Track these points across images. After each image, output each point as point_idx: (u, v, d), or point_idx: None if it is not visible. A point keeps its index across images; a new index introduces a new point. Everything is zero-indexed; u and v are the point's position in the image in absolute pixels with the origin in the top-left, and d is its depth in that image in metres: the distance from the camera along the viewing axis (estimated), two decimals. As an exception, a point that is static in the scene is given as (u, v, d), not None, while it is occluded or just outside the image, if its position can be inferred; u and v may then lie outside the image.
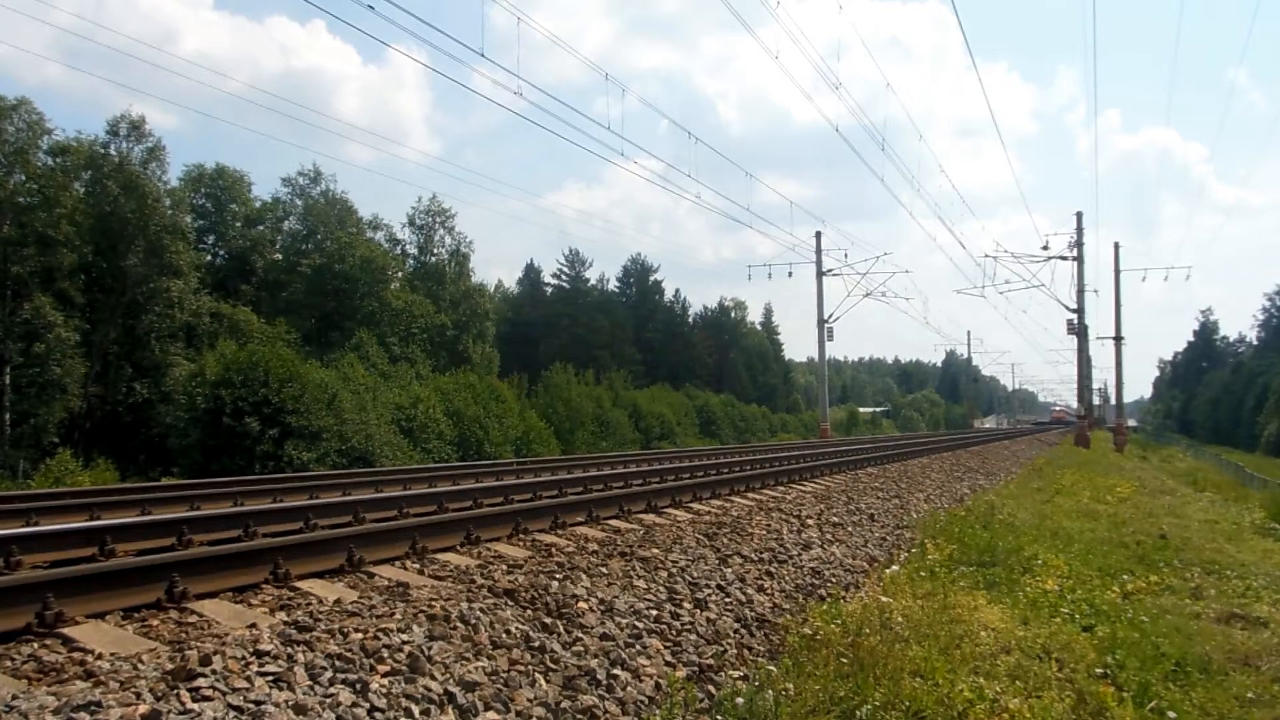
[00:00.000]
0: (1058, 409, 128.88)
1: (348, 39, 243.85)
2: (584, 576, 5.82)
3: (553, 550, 7.01)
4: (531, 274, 64.94)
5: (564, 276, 64.46)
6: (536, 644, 4.64)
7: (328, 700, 3.50)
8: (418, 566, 6.29)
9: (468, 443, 29.86)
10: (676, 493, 10.73)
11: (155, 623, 4.58)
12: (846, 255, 68.87)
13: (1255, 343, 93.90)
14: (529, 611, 5.01)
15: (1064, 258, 42.98)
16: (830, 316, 43.48)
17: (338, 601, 4.89)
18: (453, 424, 29.82)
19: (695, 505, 10.56)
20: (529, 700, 4.09)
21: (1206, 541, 12.79)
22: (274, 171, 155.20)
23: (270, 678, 3.55)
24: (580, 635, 4.92)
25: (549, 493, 10.79)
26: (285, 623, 4.27)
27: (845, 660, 5.07)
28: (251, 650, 3.77)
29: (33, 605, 4.29)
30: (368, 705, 3.58)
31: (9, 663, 3.84)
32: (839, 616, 5.92)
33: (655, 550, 6.96)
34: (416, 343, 40.62)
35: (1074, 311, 43.72)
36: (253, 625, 4.33)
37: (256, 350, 24.59)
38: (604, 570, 6.13)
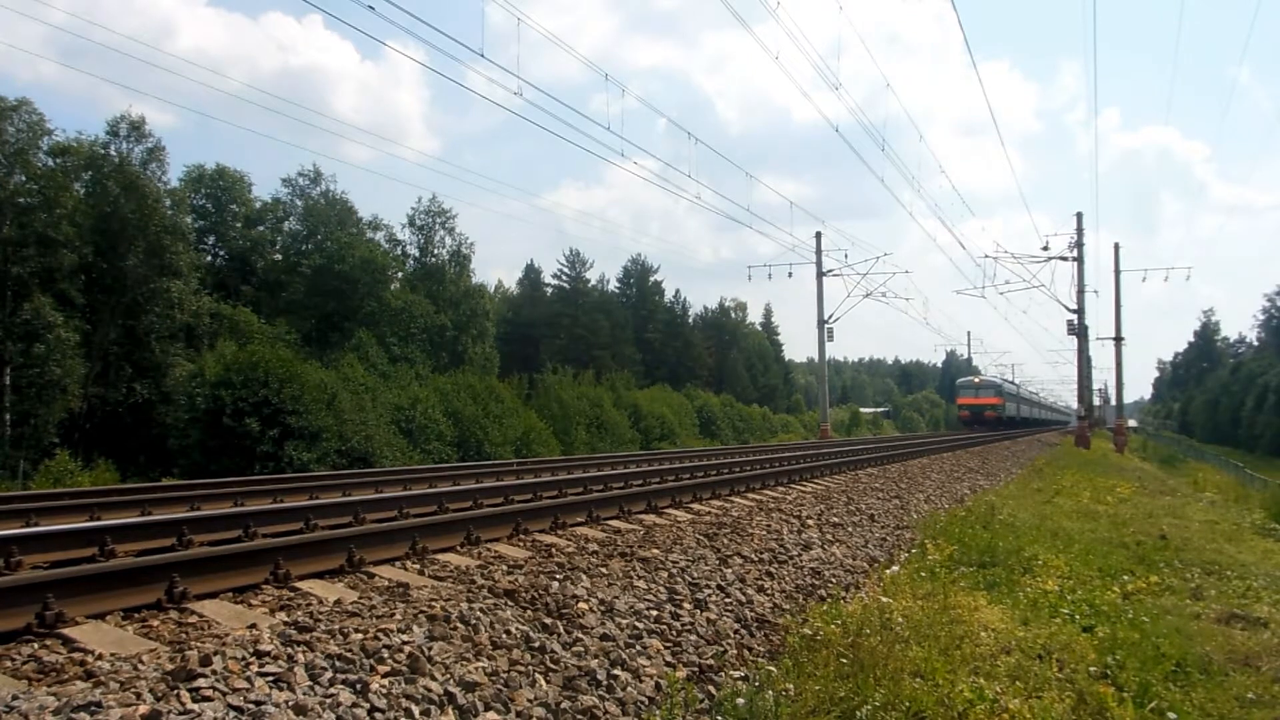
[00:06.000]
0: (975, 387, 62.97)
1: (345, 35, 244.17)
2: (584, 577, 5.82)
3: (553, 550, 7.01)
4: (531, 274, 64.97)
5: (564, 277, 64.46)
6: (537, 644, 4.64)
7: (328, 701, 3.50)
8: (418, 567, 6.29)
9: (468, 443, 29.84)
10: (676, 493, 10.73)
11: (155, 623, 4.59)
12: (846, 255, 69.38)
13: (1255, 343, 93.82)
14: (529, 612, 5.01)
15: (1064, 258, 42.97)
16: (830, 317, 43.53)
17: (338, 602, 4.89)
18: (452, 424, 29.82)
19: (695, 505, 10.56)
20: (529, 700, 4.09)
21: (1206, 542, 12.79)
22: (271, 170, 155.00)
23: (270, 678, 3.55)
24: (580, 635, 4.92)
25: (549, 493, 10.79)
26: (285, 623, 4.27)
27: (845, 661, 5.07)
28: (251, 650, 3.77)
29: (33, 606, 4.29)
30: (368, 705, 3.58)
31: (9, 663, 3.84)
32: (839, 617, 5.93)
33: (655, 551, 6.96)
34: (416, 343, 40.61)
35: (1074, 312, 43.73)
36: (253, 625, 4.33)
37: (256, 351, 24.60)
38: (604, 571, 6.13)
